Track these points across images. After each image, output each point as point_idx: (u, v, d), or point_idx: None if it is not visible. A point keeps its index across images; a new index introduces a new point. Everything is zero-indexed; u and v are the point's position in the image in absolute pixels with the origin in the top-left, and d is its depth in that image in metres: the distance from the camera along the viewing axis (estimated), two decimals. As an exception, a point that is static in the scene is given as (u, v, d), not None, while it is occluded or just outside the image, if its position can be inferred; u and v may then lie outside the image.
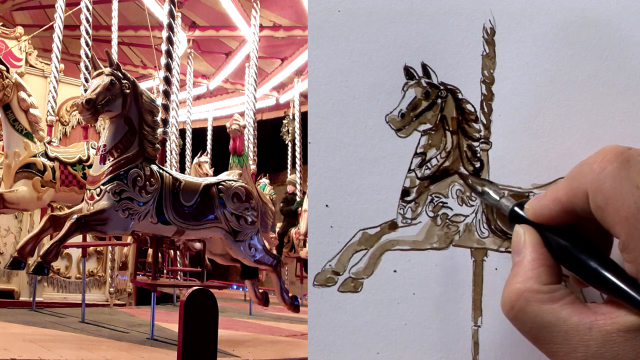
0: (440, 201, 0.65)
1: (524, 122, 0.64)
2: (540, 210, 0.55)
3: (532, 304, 0.51)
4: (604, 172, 0.49)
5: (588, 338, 0.48)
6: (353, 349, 0.64)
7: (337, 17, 0.67)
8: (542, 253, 0.54)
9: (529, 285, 0.52)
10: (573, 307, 0.50)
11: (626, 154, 0.49)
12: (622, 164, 0.49)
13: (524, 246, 0.55)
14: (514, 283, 0.53)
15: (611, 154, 0.50)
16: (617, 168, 0.49)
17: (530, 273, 0.52)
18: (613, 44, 0.64)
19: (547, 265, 0.53)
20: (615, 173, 0.48)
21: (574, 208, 0.52)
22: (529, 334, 0.52)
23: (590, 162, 0.51)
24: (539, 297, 0.51)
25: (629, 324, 0.47)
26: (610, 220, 0.48)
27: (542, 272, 0.52)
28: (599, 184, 0.49)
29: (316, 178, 0.66)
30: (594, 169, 0.50)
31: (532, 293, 0.51)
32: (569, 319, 0.49)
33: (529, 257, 0.54)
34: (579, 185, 0.51)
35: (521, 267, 0.53)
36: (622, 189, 0.48)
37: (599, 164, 0.50)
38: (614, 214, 0.48)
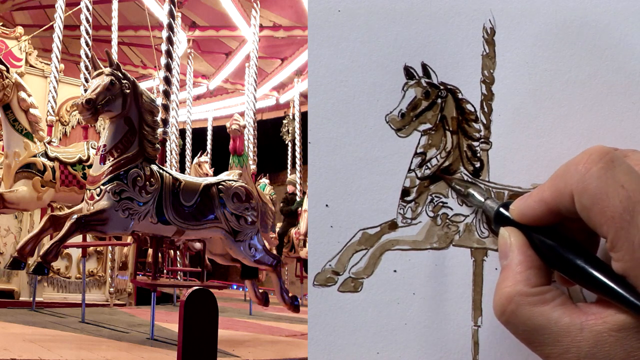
0: (440, 201, 0.65)
1: (524, 122, 0.64)
2: (525, 211, 0.55)
3: (522, 307, 0.51)
4: (589, 172, 0.49)
5: (580, 339, 0.48)
6: (353, 349, 0.64)
7: (337, 17, 0.67)
8: (529, 255, 0.54)
9: (519, 288, 0.52)
10: (564, 308, 0.50)
11: (611, 155, 0.50)
12: (607, 164, 0.49)
13: (510, 249, 0.55)
14: (504, 287, 0.53)
15: (596, 155, 0.50)
16: (602, 168, 0.49)
17: (519, 276, 0.52)
18: (613, 44, 0.64)
19: (535, 267, 0.53)
20: (601, 173, 0.49)
21: (559, 208, 0.52)
22: (522, 337, 0.52)
23: (575, 163, 0.51)
24: (529, 300, 0.51)
25: (620, 323, 0.47)
26: (596, 220, 0.48)
27: (530, 275, 0.52)
28: (584, 184, 0.49)
29: (316, 178, 0.66)
30: (579, 169, 0.50)
31: (522, 296, 0.51)
32: (560, 320, 0.49)
33: (516, 259, 0.54)
34: (564, 185, 0.51)
35: (509, 271, 0.53)
36: (607, 189, 0.48)
37: (584, 165, 0.50)
38: (600, 214, 0.48)
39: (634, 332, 0.46)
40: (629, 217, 0.46)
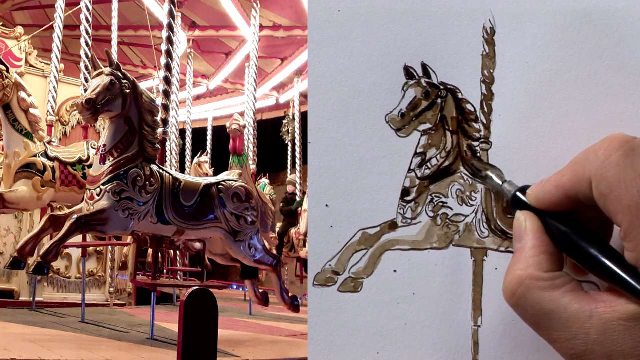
0: (440, 201, 0.65)
1: (524, 122, 0.64)
2: (542, 196, 0.55)
3: (533, 291, 0.51)
4: (608, 159, 0.49)
5: (588, 326, 0.48)
6: (353, 349, 0.64)
7: (337, 17, 0.67)
8: (544, 240, 0.54)
9: (530, 272, 0.52)
10: (574, 295, 0.50)
11: (631, 143, 0.50)
12: (627, 152, 0.49)
13: (525, 233, 0.55)
14: (515, 270, 0.53)
15: (616, 142, 0.50)
16: (621, 156, 0.49)
17: (532, 260, 0.52)
18: (613, 44, 0.64)
19: (548, 252, 0.53)
20: (620, 161, 0.49)
21: (576, 195, 0.52)
22: (530, 320, 0.52)
23: (595, 150, 0.51)
24: (539, 285, 0.51)
25: (629, 312, 0.47)
26: (612, 208, 0.48)
27: (543, 259, 0.52)
28: (603, 171, 0.49)
29: (316, 178, 0.66)
30: (599, 156, 0.50)
31: (533, 280, 0.51)
32: (569, 307, 0.49)
33: (530, 244, 0.54)
34: (583, 171, 0.51)
35: (522, 254, 0.54)
36: (626, 177, 0.48)
37: (604, 152, 0.50)
38: (616, 202, 0.48)
39: None
40: None
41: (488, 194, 0.64)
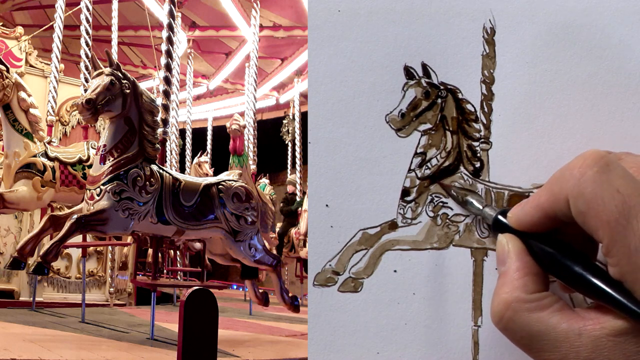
0: (441, 201, 0.65)
1: (524, 122, 0.64)
2: (523, 217, 0.55)
3: (520, 314, 0.51)
4: (584, 177, 0.49)
5: (578, 344, 0.48)
6: (353, 349, 0.64)
7: (337, 17, 0.67)
8: (527, 261, 0.54)
9: (516, 295, 0.52)
10: (561, 314, 0.50)
11: (606, 159, 0.49)
12: (602, 169, 0.49)
13: (508, 255, 0.55)
14: (501, 294, 0.53)
15: (591, 159, 0.50)
16: (597, 172, 0.48)
17: (517, 282, 0.52)
18: (613, 44, 0.64)
19: (533, 274, 0.53)
20: (596, 177, 0.48)
21: (555, 214, 0.52)
22: (521, 343, 0.52)
23: (570, 168, 0.51)
24: (526, 307, 0.51)
25: (618, 328, 0.47)
26: (592, 225, 0.48)
27: (528, 281, 0.52)
28: (580, 189, 0.49)
29: (316, 178, 0.66)
30: (575, 174, 0.50)
31: (519, 303, 0.51)
32: (557, 326, 0.49)
33: (514, 266, 0.54)
34: (560, 191, 0.51)
35: (507, 277, 0.53)
36: (602, 193, 0.48)
37: (579, 169, 0.50)
38: (595, 218, 0.48)
39: (632, 337, 0.46)
40: (624, 221, 0.46)
41: (488, 193, 0.64)
